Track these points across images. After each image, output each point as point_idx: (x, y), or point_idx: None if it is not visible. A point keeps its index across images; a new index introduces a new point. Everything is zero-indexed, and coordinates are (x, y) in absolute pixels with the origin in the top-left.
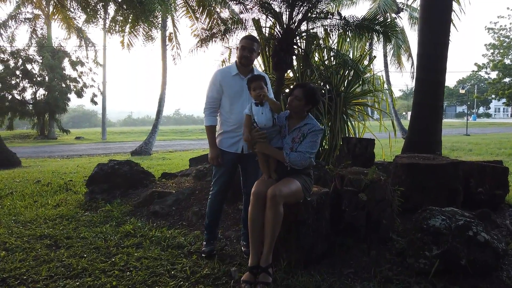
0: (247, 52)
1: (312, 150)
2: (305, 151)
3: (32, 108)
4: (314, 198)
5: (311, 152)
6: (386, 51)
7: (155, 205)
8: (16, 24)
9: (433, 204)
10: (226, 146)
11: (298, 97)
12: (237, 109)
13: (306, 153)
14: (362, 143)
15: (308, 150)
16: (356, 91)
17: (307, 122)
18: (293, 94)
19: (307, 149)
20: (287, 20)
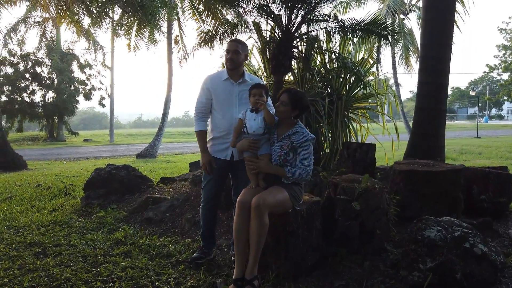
0: (231, 54)
1: (310, 162)
2: (305, 165)
3: (41, 110)
4: (304, 208)
5: (310, 164)
6: (394, 52)
7: (149, 212)
8: (26, 27)
9: (433, 213)
10: (215, 152)
11: (284, 102)
12: (227, 115)
13: (307, 166)
14: (363, 148)
15: (307, 163)
16: (358, 95)
17: (297, 130)
18: (280, 100)
19: (305, 162)
20: (286, 23)
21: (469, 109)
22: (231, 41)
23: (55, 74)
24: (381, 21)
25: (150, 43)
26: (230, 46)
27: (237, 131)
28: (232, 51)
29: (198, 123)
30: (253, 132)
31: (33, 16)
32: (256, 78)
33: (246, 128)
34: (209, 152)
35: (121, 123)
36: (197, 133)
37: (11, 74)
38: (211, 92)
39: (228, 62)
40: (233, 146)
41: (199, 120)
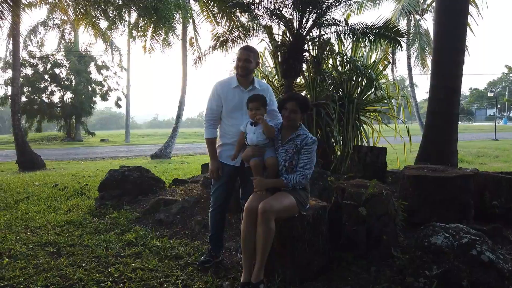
0: (242, 62)
1: (309, 165)
2: (303, 168)
3: (59, 111)
4: (311, 213)
5: (309, 168)
6: (410, 54)
7: (160, 213)
8: (45, 30)
9: (442, 219)
10: (224, 158)
11: (294, 110)
12: (236, 122)
13: (305, 170)
14: (374, 152)
15: (306, 167)
16: (369, 98)
17: (300, 133)
18: (286, 108)
19: (304, 165)
20: (297, 27)
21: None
22: (243, 50)
23: (73, 75)
24: (393, 24)
25: (165, 46)
26: (242, 54)
27: (239, 143)
28: (244, 60)
29: (209, 131)
30: (255, 144)
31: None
32: (265, 85)
33: (247, 140)
34: (218, 159)
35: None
36: (207, 140)
37: (31, 75)
38: (221, 99)
39: (239, 69)
40: (233, 160)
41: (209, 127)
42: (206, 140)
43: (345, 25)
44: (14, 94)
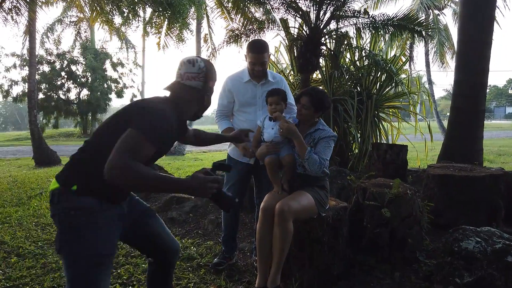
0: (258, 66)
1: (326, 157)
2: (322, 158)
3: (76, 107)
4: (330, 214)
5: (325, 159)
6: (428, 49)
7: (173, 211)
8: (62, 27)
9: (470, 221)
10: (238, 155)
11: (305, 106)
12: (249, 117)
13: (322, 160)
14: (394, 150)
15: (324, 157)
16: (389, 94)
17: (319, 128)
18: (300, 103)
19: (322, 154)
20: (314, 19)
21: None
22: (255, 53)
23: (89, 73)
24: (414, 16)
25: (179, 41)
26: (256, 58)
27: (256, 139)
28: (259, 64)
29: (222, 122)
30: (271, 141)
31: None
32: (279, 76)
33: (263, 136)
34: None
35: None
36: (223, 132)
37: (48, 72)
38: (232, 94)
39: (255, 72)
40: (250, 157)
41: (222, 119)
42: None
43: (366, 16)
44: (31, 90)
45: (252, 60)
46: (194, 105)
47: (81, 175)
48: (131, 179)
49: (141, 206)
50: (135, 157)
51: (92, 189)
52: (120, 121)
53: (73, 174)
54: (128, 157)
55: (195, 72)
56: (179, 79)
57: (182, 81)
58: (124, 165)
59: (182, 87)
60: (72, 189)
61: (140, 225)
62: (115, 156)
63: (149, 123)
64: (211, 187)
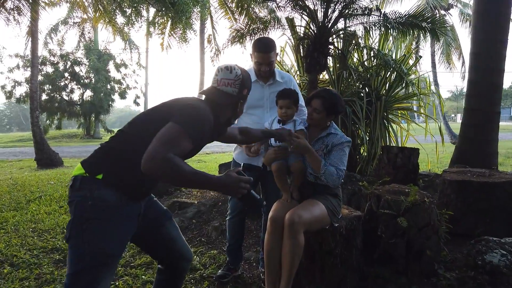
0: (264, 67)
1: (343, 167)
2: (339, 168)
3: (79, 108)
4: (343, 224)
5: (342, 170)
6: (434, 50)
7: (175, 217)
8: (66, 28)
9: (489, 230)
10: (244, 160)
11: (317, 109)
12: (256, 120)
13: (339, 171)
14: (405, 153)
15: (340, 164)
16: (398, 95)
17: (331, 132)
18: (311, 106)
19: (338, 163)
20: (321, 18)
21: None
22: (261, 52)
23: (92, 74)
24: (427, 14)
25: (182, 42)
26: (262, 58)
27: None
28: (266, 64)
29: None
30: (279, 145)
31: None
32: (287, 76)
33: (271, 140)
34: None
35: None
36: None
37: (51, 73)
38: None
39: (262, 73)
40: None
41: None
42: None
43: (378, 13)
44: (33, 91)
45: (258, 59)
46: (228, 110)
47: (110, 164)
48: (169, 172)
49: (159, 208)
50: (174, 150)
51: (118, 181)
52: (160, 115)
53: (101, 162)
54: (168, 149)
55: (232, 78)
56: (215, 85)
57: (218, 87)
58: (164, 156)
59: (218, 92)
60: (97, 178)
61: (155, 228)
62: (155, 146)
63: (191, 119)
64: (243, 187)
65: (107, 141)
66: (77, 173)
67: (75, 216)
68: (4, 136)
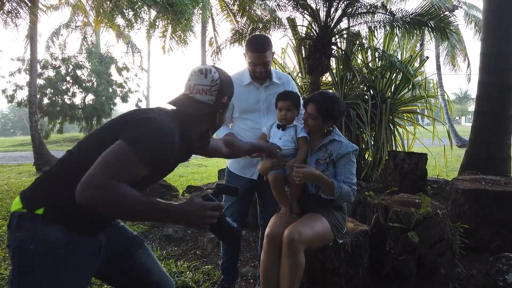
0: (259, 68)
1: (353, 180)
2: (349, 181)
3: (81, 112)
4: (348, 240)
5: (354, 183)
6: (439, 52)
7: (169, 227)
8: (68, 32)
9: (506, 243)
10: (239, 169)
11: (312, 115)
12: (252, 125)
13: (353, 186)
14: (412, 158)
15: (351, 178)
16: (404, 97)
17: (334, 138)
18: (306, 111)
19: (350, 177)
20: (324, 17)
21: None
22: (255, 52)
23: (94, 77)
24: (435, 12)
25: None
26: (257, 58)
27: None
28: (261, 65)
29: (220, 129)
30: (278, 152)
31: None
32: (285, 76)
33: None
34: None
35: None
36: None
37: (53, 77)
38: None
39: (256, 74)
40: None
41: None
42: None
43: (384, 11)
44: (32, 95)
45: (252, 60)
46: (203, 123)
47: (53, 195)
48: (109, 202)
49: (126, 234)
50: (118, 176)
51: (62, 215)
52: (110, 132)
53: (43, 193)
54: (109, 175)
55: (207, 84)
56: (188, 92)
57: (191, 94)
58: (101, 183)
59: (190, 101)
60: (37, 213)
61: (124, 258)
62: (94, 171)
63: (145, 138)
64: (210, 216)
65: (52, 166)
66: (15, 209)
67: (14, 266)
68: (6, 140)
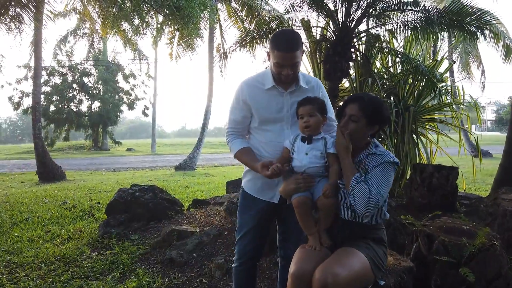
0: (287, 70)
1: (381, 190)
2: (375, 190)
3: (87, 119)
4: (392, 282)
5: (383, 193)
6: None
7: (172, 250)
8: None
9: None
10: (256, 191)
11: (354, 116)
12: (273, 138)
13: (377, 191)
14: (442, 173)
15: (380, 189)
16: (428, 105)
17: (373, 152)
18: (345, 114)
19: (379, 187)
20: (342, 18)
21: None
22: (283, 51)
23: (100, 84)
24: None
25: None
26: (284, 59)
27: (284, 158)
28: (288, 67)
29: (235, 142)
30: (303, 171)
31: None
32: (314, 80)
33: (292, 164)
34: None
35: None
36: (238, 154)
37: (59, 84)
38: (249, 106)
39: (282, 77)
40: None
41: (235, 138)
42: (236, 156)
43: (415, 8)
44: (35, 102)
45: (278, 60)
46: None
47: None
48: None
49: None
50: None
51: None
52: None
53: None
54: None
55: None
56: None
57: None
58: None
59: None
60: None
61: None
62: None
63: None
64: None
65: None
66: None
67: None
68: (12, 147)
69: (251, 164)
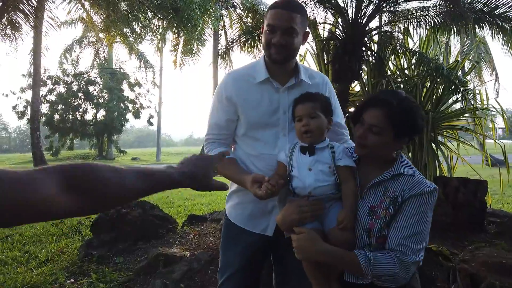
0: (278, 37)
1: (418, 243)
2: (404, 246)
3: (92, 128)
4: None
5: (418, 248)
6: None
7: (156, 279)
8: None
9: None
10: (244, 220)
11: (376, 128)
12: (265, 148)
13: (408, 249)
14: (469, 187)
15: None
16: (449, 110)
17: (401, 172)
18: (364, 122)
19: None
20: (353, 14)
21: None
22: (278, 8)
23: (105, 93)
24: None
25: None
26: (278, 18)
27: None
28: (284, 29)
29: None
30: (308, 193)
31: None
32: (319, 76)
33: (292, 184)
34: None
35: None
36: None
37: (64, 93)
38: (236, 106)
39: (272, 48)
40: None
41: (216, 147)
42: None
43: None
44: (34, 111)
45: (270, 20)
46: None
47: None
48: None
49: None
50: None
51: None
52: None
53: None
54: None
55: None
56: None
57: None
58: None
59: None
60: None
61: None
62: None
63: None
64: None
65: None
66: None
67: None
68: (18, 156)
69: (239, 178)
